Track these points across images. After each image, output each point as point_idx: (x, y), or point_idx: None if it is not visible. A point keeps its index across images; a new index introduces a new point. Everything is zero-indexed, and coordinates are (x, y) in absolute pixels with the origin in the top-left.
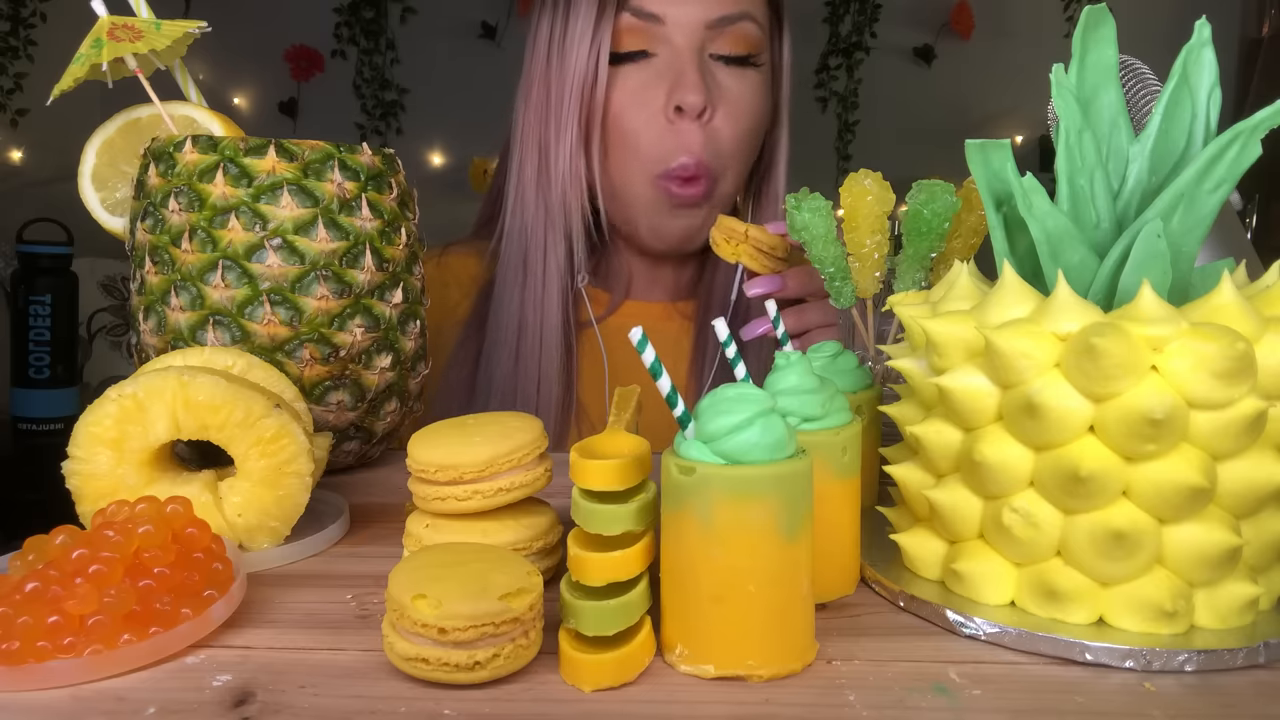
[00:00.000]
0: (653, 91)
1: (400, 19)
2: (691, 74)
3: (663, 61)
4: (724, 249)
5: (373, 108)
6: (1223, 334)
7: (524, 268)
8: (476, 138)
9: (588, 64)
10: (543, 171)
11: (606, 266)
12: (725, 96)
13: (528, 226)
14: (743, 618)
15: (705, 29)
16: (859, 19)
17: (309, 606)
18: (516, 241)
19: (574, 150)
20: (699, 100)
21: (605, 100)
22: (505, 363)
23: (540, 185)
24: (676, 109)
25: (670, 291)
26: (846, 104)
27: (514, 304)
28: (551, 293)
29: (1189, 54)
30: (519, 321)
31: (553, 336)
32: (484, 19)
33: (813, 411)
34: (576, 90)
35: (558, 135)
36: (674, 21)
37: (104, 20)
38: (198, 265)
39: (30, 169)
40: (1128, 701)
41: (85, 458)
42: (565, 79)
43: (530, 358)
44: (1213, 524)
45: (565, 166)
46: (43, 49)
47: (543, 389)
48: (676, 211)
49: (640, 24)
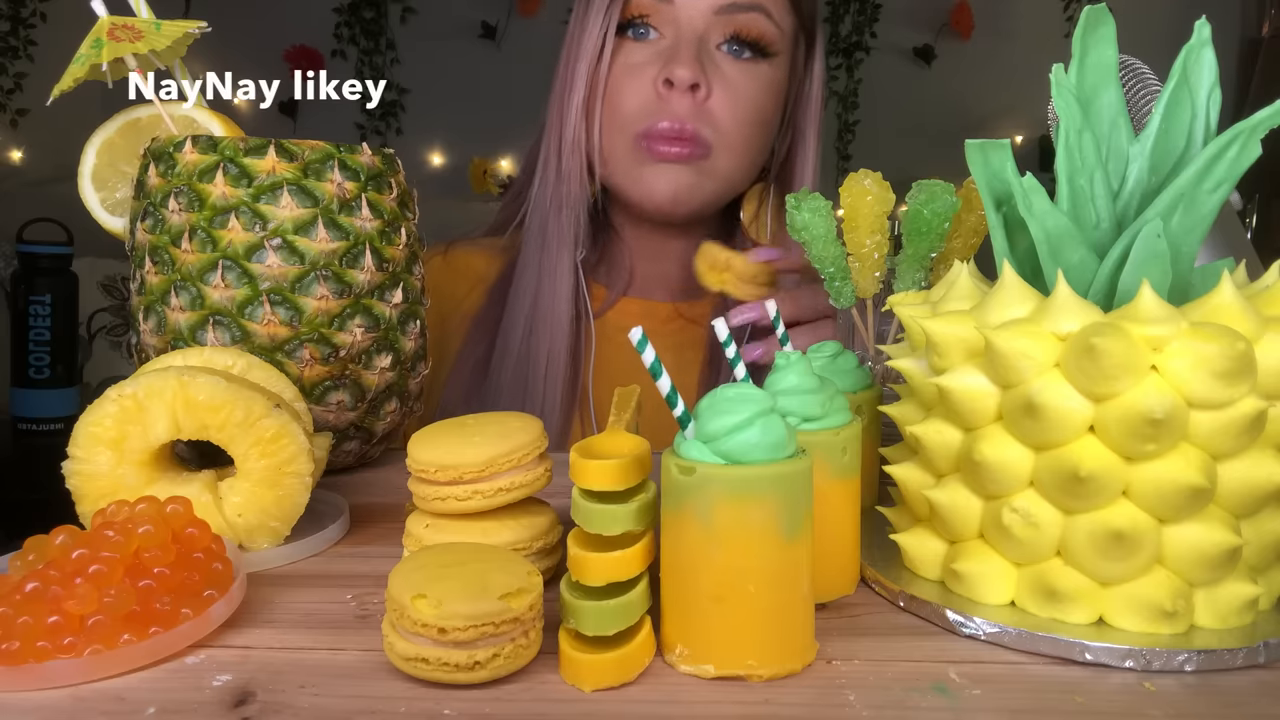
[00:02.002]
0: (649, 67)
1: (400, 19)
2: (686, 52)
3: (665, 42)
4: (709, 278)
5: (373, 108)
6: (1223, 334)
7: (543, 238)
8: (476, 138)
9: (598, 36)
10: (559, 140)
11: (609, 259)
12: (723, 80)
13: (547, 197)
14: (743, 618)
15: (713, 14)
16: (859, 19)
17: (309, 606)
18: (540, 211)
19: (579, 120)
20: (688, 75)
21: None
22: (518, 340)
23: (557, 153)
24: (666, 82)
25: (676, 291)
26: (846, 104)
27: (532, 275)
28: (564, 263)
29: (1189, 54)
30: (535, 291)
31: (563, 308)
32: (484, 19)
33: (813, 411)
34: (586, 60)
35: (567, 101)
36: (683, 2)
37: (104, 20)
38: (198, 265)
39: (30, 169)
40: (1128, 701)
41: (85, 458)
42: (580, 49)
43: (542, 330)
44: (1213, 524)
45: (570, 135)
46: (43, 49)
47: (550, 370)
48: (661, 167)
49: (651, 1)
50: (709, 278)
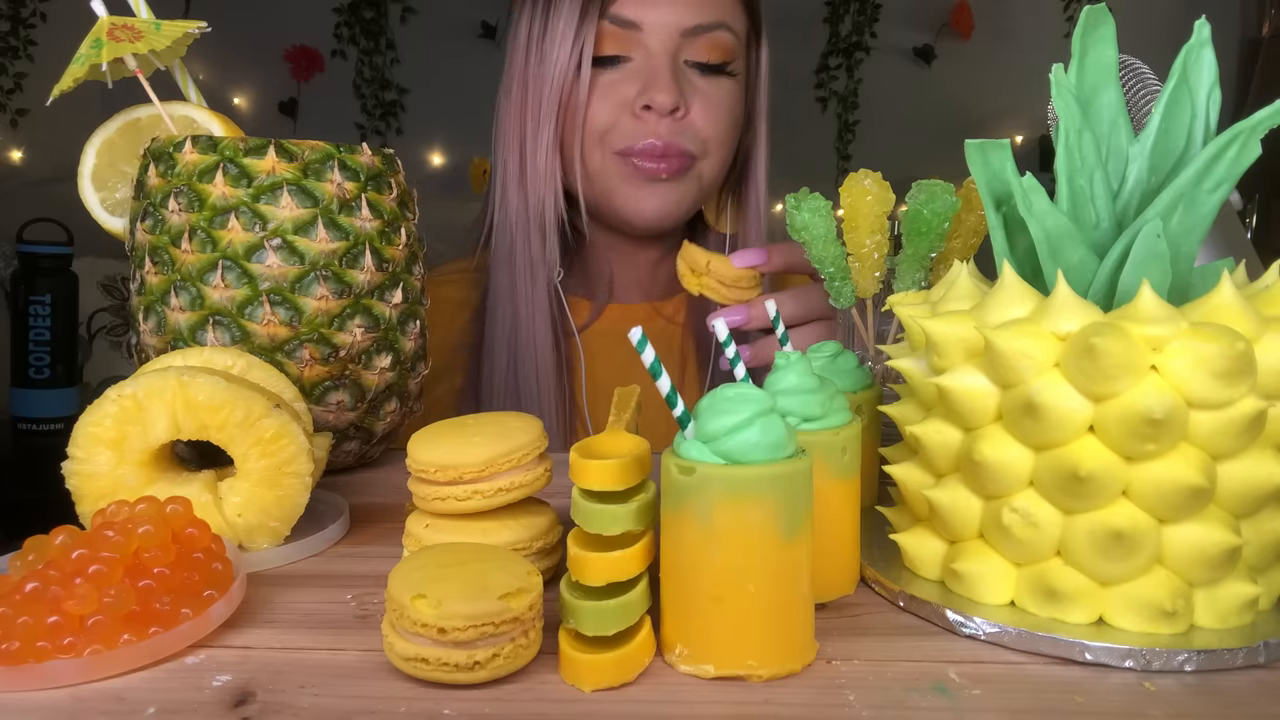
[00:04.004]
0: (625, 90)
1: (400, 19)
2: (664, 75)
3: (637, 65)
4: (689, 281)
5: (373, 108)
6: (1222, 334)
7: (512, 261)
8: (476, 138)
9: (568, 68)
10: (522, 168)
11: (585, 270)
12: (700, 95)
13: (512, 223)
14: (743, 618)
15: (681, 36)
16: (859, 19)
17: (309, 606)
18: (504, 236)
19: (549, 150)
20: (668, 100)
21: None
22: (502, 366)
23: (520, 181)
24: (645, 107)
25: (648, 291)
26: (846, 104)
27: (507, 299)
28: (539, 288)
29: (1189, 54)
30: (512, 315)
31: (544, 332)
32: (484, 19)
33: (813, 411)
34: (554, 93)
35: (535, 135)
36: (651, 28)
37: (104, 20)
38: (197, 265)
39: (30, 169)
40: (1128, 701)
41: (85, 458)
42: (544, 81)
43: (526, 353)
44: (1213, 524)
45: (542, 163)
46: (43, 49)
47: (541, 385)
48: (649, 185)
49: (618, 30)
50: (689, 281)
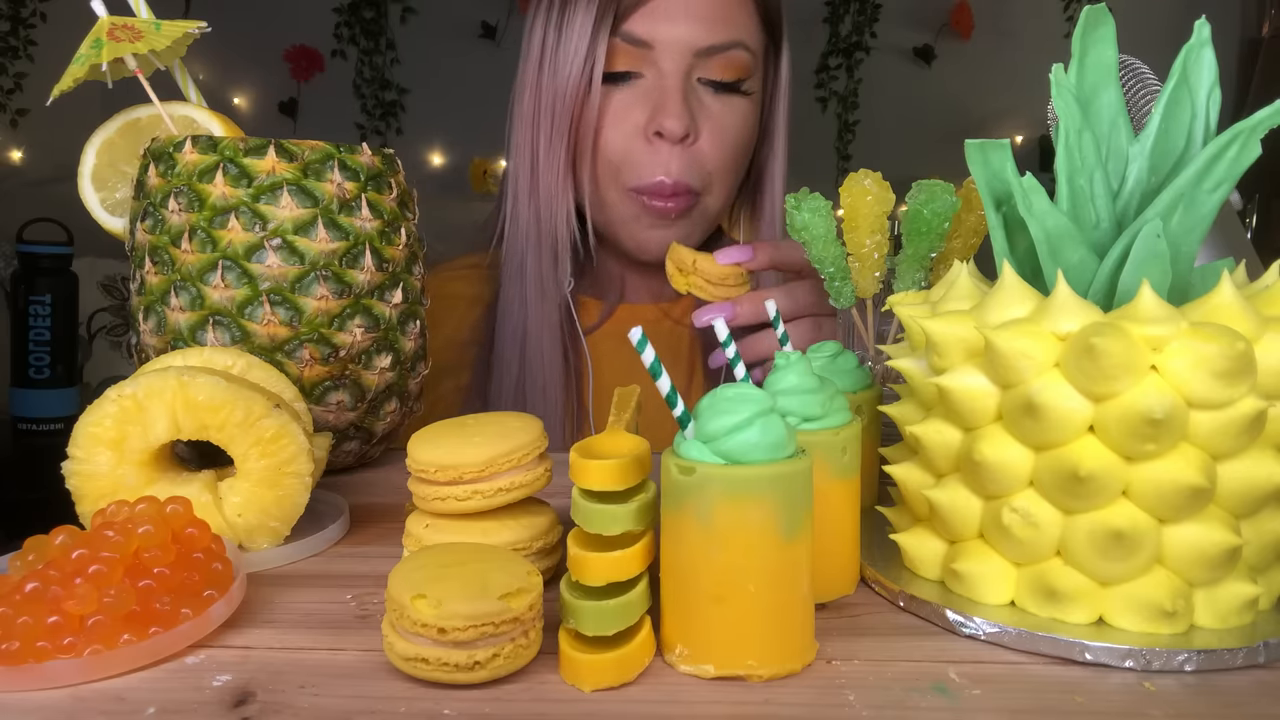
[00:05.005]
0: (635, 111)
1: (400, 19)
2: (675, 100)
3: (648, 83)
4: (677, 280)
5: (373, 108)
6: (1222, 334)
7: (523, 275)
8: (476, 138)
9: (579, 83)
10: (534, 182)
11: (596, 272)
12: (710, 120)
13: (522, 234)
14: (743, 618)
15: (694, 56)
16: (859, 19)
17: (309, 606)
18: (515, 248)
19: (562, 167)
20: (679, 128)
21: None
22: (512, 375)
23: (532, 195)
24: (656, 133)
25: (658, 294)
26: (846, 104)
27: (517, 311)
28: (549, 299)
29: (1189, 54)
30: (523, 328)
31: (553, 345)
32: (484, 19)
33: (813, 411)
34: (566, 108)
35: (547, 150)
36: (663, 48)
37: (104, 20)
38: (197, 265)
39: (30, 169)
40: (1128, 701)
41: (85, 458)
42: (556, 96)
43: (535, 365)
44: (1213, 524)
45: (553, 181)
46: (43, 49)
47: (549, 396)
48: (656, 224)
49: (630, 48)
50: (676, 280)
